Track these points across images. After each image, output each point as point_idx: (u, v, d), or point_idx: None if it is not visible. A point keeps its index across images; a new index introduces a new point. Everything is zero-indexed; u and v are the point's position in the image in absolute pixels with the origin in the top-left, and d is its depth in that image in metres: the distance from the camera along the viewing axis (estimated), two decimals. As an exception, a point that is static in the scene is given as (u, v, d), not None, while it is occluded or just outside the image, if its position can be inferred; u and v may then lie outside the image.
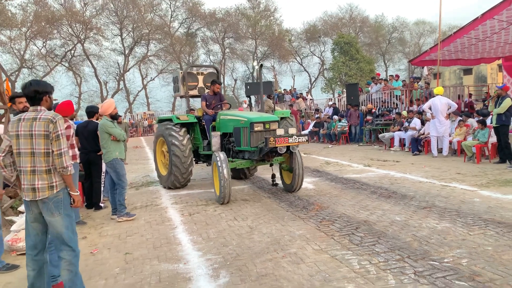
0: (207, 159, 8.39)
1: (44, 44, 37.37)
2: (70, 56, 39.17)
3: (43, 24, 35.14)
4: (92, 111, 6.66)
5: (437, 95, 11.28)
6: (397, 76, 20.56)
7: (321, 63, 48.14)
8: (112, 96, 39.85)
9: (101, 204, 6.99)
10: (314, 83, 48.15)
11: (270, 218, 5.78)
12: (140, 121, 36.90)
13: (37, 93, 3.28)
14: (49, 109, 3.41)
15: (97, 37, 39.36)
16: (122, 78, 42.09)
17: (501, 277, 3.45)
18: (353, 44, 38.37)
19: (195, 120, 8.29)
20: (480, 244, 4.26)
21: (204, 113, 8.19)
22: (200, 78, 9.19)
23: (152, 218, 6.18)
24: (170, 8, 42.93)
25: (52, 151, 3.18)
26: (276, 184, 7.51)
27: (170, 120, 8.30)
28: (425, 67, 24.25)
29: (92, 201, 6.94)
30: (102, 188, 7.04)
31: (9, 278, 4.14)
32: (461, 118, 11.40)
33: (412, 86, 17.28)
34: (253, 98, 12.32)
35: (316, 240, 4.67)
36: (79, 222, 5.94)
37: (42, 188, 3.19)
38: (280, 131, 6.49)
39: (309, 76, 48.55)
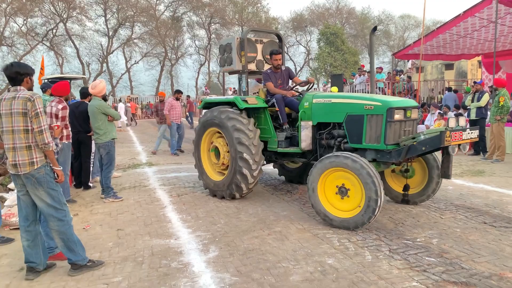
0: (281, 158, 6.17)
1: (25, 22, 36.41)
2: (51, 36, 38.29)
3: (24, 0, 34.19)
4: (86, 92, 6.74)
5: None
6: (381, 68, 20.94)
7: (306, 52, 48.41)
8: (95, 79, 39.25)
9: (90, 184, 7.12)
10: (299, 73, 48.40)
11: (256, 200, 6.04)
12: (140, 104, 36.47)
13: (18, 74, 3.45)
14: (30, 89, 3.56)
15: (80, 17, 38.58)
16: (105, 60, 41.45)
17: (466, 254, 3.81)
18: (339, 35, 38.66)
19: (265, 105, 6.01)
20: (450, 226, 4.63)
21: (269, 96, 6.10)
22: (259, 47, 6.75)
23: (141, 198, 6.37)
24: (156, -10, 42.33)
25: (33, 129, 3.35)
26: (408, 202, 5.48)
27: (228, 103, 6.08)
28: (410, 61, 24.81)
29: (81, 180, 7.06)
30: (91, 169, 7.17)
31: (4, 251, 4.29)
32: (440, 111, 11.84)
33: (394, 79, 17.73)
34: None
35: (299, 220, 4.97)
36: (69, 200, 6.08)
37: (23, 164, 3.38)
38: (452, 122, 4.62)
39: (295, 65, 48.76)
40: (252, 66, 6.62)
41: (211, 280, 3.42)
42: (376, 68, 20.70)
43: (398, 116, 4.69)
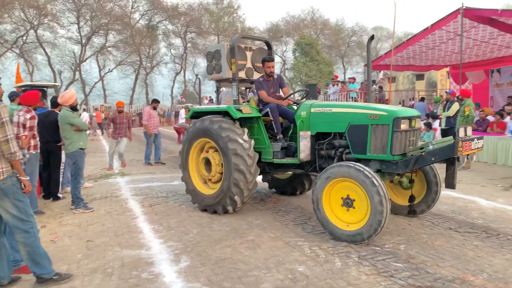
0: (275, 169, 5.96)
1: (-6, 29, 35.46)
2: (21, 43, 37.37)
3: (-7, 7, 33.33)
4: (55, 102, 6.62)
5: None
6: (354, 79, 21.43)
7: (282, 62, 48.97)
8: (67, 87, 38.45)
9: (60, 195, 6.95)
10: (274, 82, 48.81)
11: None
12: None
13: None
14: None
15: (52, 24, 37.86)
16: (78, 68, 40.72)
17: (431, 259, 3.93)
18: (313, 45, 39.36)
19: (259, 114, 5.81)
20: (417, 232, 4.77)
21: (261, 105, 5.94)
22: (249, 55, 6.48)
23: (112, 209, 6.26)
24: (131, -2, 42.04)
25: None
26: (414, 212, 5.35)
27: (219, 113, 5.79)
28: (382, 71, 25.49)
29: (50, 191, 6.89)
30: (61, 179, 7.00)
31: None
32: (426, 121, 12.17)
33: (367, 89, 18.16)
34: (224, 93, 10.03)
35: (272, 229, 5.00)
36: (37, 211, 5.92)
37: None
38: (461, 132, 4.61)
39: (270, 74, 49.15)
40: (241, 74, 6.31)
41: (181, 290, 3.41)
42: (349, 78, 21.19)
43: (404, 126, 4.59)
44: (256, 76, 6.35)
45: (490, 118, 11.31)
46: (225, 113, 5.71)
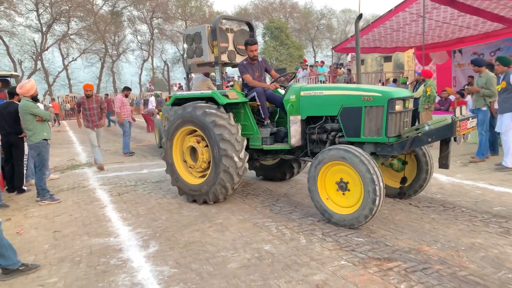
0: (264, 155, 5.84)
1: None
2: (-23, 32, 35.53)
3: None
4: (13, 92, 6.41)
5: None
6: (322, 62, 21.70)
7: (252, 47, 48.65)
8: (29, 77, 36.95)
9: (24, 187, 6.80)
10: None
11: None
12: (62, 104, 34.79)
13: None
14: None
15: (8, 11, 35.99)
16: (39, 58, 39.10)
17: (390, 233, 4.15)
18: (283, 29, 39.35)
19: (246, 99, 5.60)
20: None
21: (246, 89, 5.77)
22: (230, 37, 6.15)
23: (80, 199, 6.20)
24: (93, -16, 40.54)
25: None
26: (404, 194, 5.29)
27: (202, 99, 5.58)
28: (349, 54, 25.84)
29: (13, 184, 6.72)
30: (24, 171, 6.84)
31: None
32: None
33: (335, 72, 18.41)
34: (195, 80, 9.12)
35: (240, 212, 5.11)
36: (1, 205, 5.80)
37: None
38: (458, 111, 4.40)
39: (240, 59, 48.89)
40: (224, 57, 5.97)
41: (150, 273, 3.46)
42: (318, 62, 21.42)
43: (398, 107, 4.45)
44: (238, 59, 6.13)
45: (452, 97, 11.75)
46: (208, 99, 5.51)
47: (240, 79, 5.87)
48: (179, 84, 30.37)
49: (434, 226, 4.30)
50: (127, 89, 11.18)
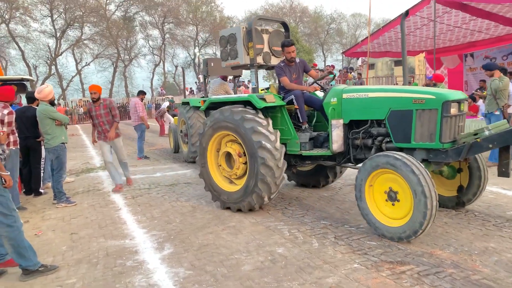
0: (302, 161, 5.51)
1: (-37, 24, 34.34)
2: (-7, 38, 36.35)
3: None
4: (32, 97, 6.58)
5: None
6: (333, 66, 21.72)
7: (262, 51, 48.85)
8: (43, 82, 37.64)
9: (41, 190, 6.96)
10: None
11: (211, 198, 6.12)
12: (75, 108, 35.33)
13: None
14: None
15: (24, 17, 36.82)
16: (53, 63, 39.85)
17: (403, 237, 4.15)
18: (293, 34, 39.36)
19: (283, 103, 5.32)
20: (391, 212, 4.99)
21: (283, 93, 5.50)
22: (265, 38, 5.89)
23: (95, 202, 6.32)
24: (106, -11, 41.22)
25: None
26: (463, 204, 4.90)
27: (239, 103, 5.37)
28: (360, 58, 25.83)
29: (31, 187, 6.88)
30: (42, 174, 7.00)
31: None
32: None
33: (346, 76, 18.43)
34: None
35: (253, 215, 5.16)
36: (19, 207, 5.94)
37: None
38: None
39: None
40: (259, 59, 5.70)
41: (165, 275, 3.54)
42: (329, 66, 21.44)
43: (453, 110, 4.11)
44: (274, 61, 5.91)
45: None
46: (245, 103, 5.29)
47: (276, 82, 5.70)
48: (190, 88, 30.63)
49: (446, 230, 4.30)
50: (142, 93, 11.18)
